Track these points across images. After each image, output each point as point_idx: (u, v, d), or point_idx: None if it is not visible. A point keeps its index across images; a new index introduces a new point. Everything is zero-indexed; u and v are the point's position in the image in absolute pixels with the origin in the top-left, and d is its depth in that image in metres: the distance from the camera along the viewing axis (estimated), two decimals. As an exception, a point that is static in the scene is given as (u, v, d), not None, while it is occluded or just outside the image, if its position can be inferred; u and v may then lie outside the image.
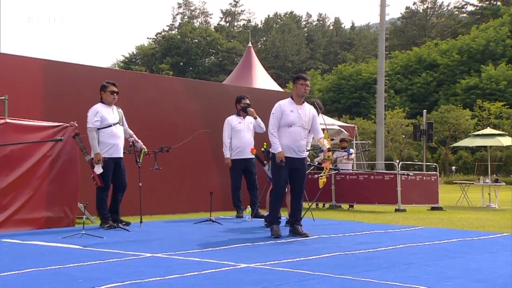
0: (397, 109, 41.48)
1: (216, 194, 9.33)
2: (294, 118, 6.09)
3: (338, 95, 54.98)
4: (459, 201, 14.66)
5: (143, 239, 5.79)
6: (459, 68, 49.62)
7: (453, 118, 36.16)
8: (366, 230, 6.77)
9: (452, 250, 5.24)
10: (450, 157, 37.41)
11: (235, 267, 4.24)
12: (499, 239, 6.28)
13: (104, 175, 6.74)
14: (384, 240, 5.96)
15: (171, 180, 9.51)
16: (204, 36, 73.90)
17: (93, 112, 6.83)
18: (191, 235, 6.20)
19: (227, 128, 8.34)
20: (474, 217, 10.20)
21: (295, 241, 5.82)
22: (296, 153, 6.11)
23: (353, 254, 4.97)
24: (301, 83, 6.17)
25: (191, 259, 4.57)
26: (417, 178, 12.49)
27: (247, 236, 6.19)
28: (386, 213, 10.90)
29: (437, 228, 7.72)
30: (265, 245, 5.52)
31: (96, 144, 6.72)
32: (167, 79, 12.90)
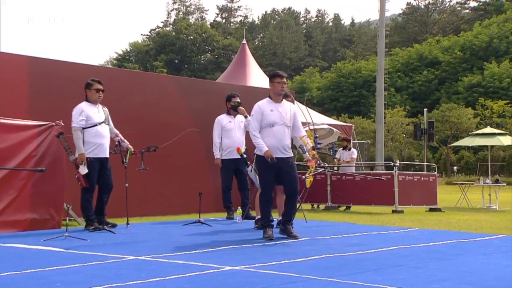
0: (398, 108, 41.52)
1: (209, 195, 9.38)
2: (275, 117, 6.12)
3: (337, 93, 55.01)
4: (458, 202, 14.69)
5: (128, 242, 5.80)
6: (462, 65, 49.67)
7: (455, 117, 36.22)
8: (358, 232, 6.79)
9: (444, 252, 5.26)
10: (451, 157, 37.46)
11: (220, 269, 4.25)
12: (494, 241, 6.31)
13: (89, 175, 6.73)
14: (375, 242, 5.98)
15: (163, 181, 9.50)
16: (200, 33, 73.86)
17: (77, 111, 6.82)
18: (178, 237, 6.22)
19: (217, 128, 8.36)
20: (473, 218, 10.22)
21: (283, 243, 5.84)
22: (282, 152, 6.13)
23: (342, 256, 4.99)
24: (278, 81, 6.19)
25: (175, 261, 4.58)
26: (415, 178, 12.51)
27: (235, 238, 6.20)
28: (383, 214, 10.93)
29: (432, 229, 7.75)
30: (253, 247, 5.54)
31: (80, 144, 6.72)
32: (157, 76, 12.88)
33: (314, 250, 5.29)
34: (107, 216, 7.07)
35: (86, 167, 6.68)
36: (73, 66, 8.97)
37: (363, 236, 6.54)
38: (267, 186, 6.17)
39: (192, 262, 4.54)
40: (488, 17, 55.79)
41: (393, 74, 51.90)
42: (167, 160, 9.52)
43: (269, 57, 73.83)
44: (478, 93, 43.55)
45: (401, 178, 11.90)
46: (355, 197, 12.07)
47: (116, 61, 73.96)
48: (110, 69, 10.25)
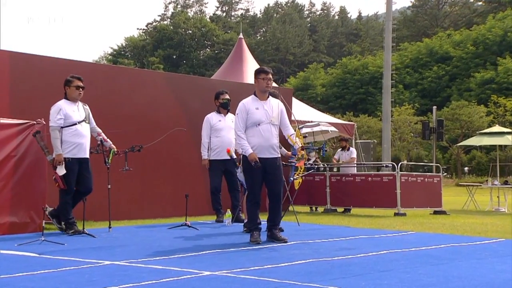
0: (406, 106, 41.47)
1: (201, 197, 9.41)
2: (261, 115, 6.12)
3: (342, 91, 54.96)
4: (465, 204, 14.70)
5: (107, 246, 5.84)
6: (474, 61, 49.54)
7: (466, 115, 36.14)
8: (351, 236, 6.82)
9: (437, 257, 5.29)
10: (462, 157, 37.40)
11: (198, 275, 4.28)
12: (492, 245, 6.33)
13: (67, 176, 6.73)
14: (367, 246, 6.00)
15: (152, 182, 9.53)
16: (199, 27, 73.94)
17: (55, 109, 6.81)
18: (161, 241, 6.25)
19: (206, 127, 8.39)
20: (479, 221, 10.24)
21: (270, 247, 5.87)
22: (269, 152, 6.12)
23: (329, 260, 5.02)
24: (263, 77, 6.19)
25: (153, 266, 4.61)
26: (419, 179, 12.51)
27: (220, 242, 6.24)
28: (385, 217, 10.94)
29: (429, 233, 7.77)
30: (237, 252, 5.57)
31: (58, 145, 6.72)
32: (146, 73, 12.93)
33: (301, 254, 5.32)
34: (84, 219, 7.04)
35: (64, 167, 6.67)
36: (58, 61, 9.01)
37: (355, 240, 6.56)
38: (254, 188, 6.17)
39: (171, 267, 4.57)
40: (502, 10, 55.59)
41: (401, 70, 51.82)
42: (157, 160, 9.56)
43: (272, 52, 73.88)
44: (491, 90, 43.41)
45: (403, 179, 11.89)
46: (355, 199, 12.08)
47: (111, 57, 74.06)
48: (96, 64, 10.31)
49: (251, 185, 6.19)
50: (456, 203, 15.50)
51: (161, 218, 9.13)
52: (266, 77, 6.20)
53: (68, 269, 4.45)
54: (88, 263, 4.72)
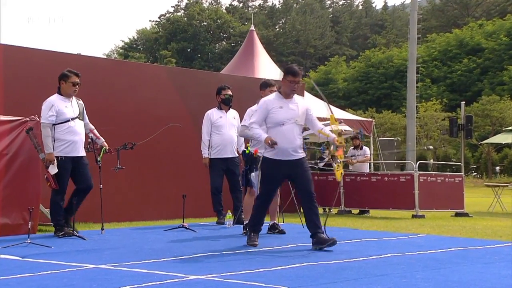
0: (433, 101, 41.12)
1: (204, 197, 9.41)
2: (285, 115, 5.99)
3: (365, 85, 54.66)
4: (491, 206, 14.55)
5: (96, 249, 5.91)
6: (508, 52, 48.91)
7: (497, 110, 35.71)
8: (356, 238, 6.81)
9: (441, 260, 5.27)
10: (493, 156, 36.96)
11: (183, 279, 4.32)
12: (505, 248, 6.29)
13: (59, 176, 6.80)
14: (371, 249, 6.00)
15: (152, 182, 9.60)
16: (214, 19, 74.16)
17: (47, 105, 6.84)
18: (153, 244, 6.31)
19: (207, 124, 8.44)
20: (502, 224, 10.14)
21: (268, 250, 5.90)
22: (293, 154, 6.02)
23: (325, 264, 5.03)
24: (290, 79, 6.01)
25: (138, 270, 4.67)
26: (439, 179, 12.41)
27: (216, 245, 6.29)
28: (402, 219, 10.90)
29: (441, 236, 7.74)
30: (231, 255, 5.61)
31: (49, 142, 6.77)
32: (147, 67, 13.01)
33: (297, 258, 5.35)
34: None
35: (56, 166, 6.74)
36: (53, 55, 9.11)
37: (360, 243, 6.56)
38: (270, 191, 6.13)
39: (156, 271, 4.62)
40: (538, -2, 54.85)
41: (429, 63, 51.37)
42: (158, 158, 9.63)
43: (291, 45, 73.77)
44: (526, 83, 42.91)
45: (422, 179, 11.80)
46: (370, 200, 12.03)
47: (122, 50, 74.68)
48: (94, 58, 10.35)
49: (268, 188, 6.10)
50: (482, 205, 15.35)
51: (164, 220, 9.19)
52: (294, 80, 6.01)
53: (48, 273, 4.51)
54: (70, 267, 4.79)
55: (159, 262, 5.08)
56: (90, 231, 7.37)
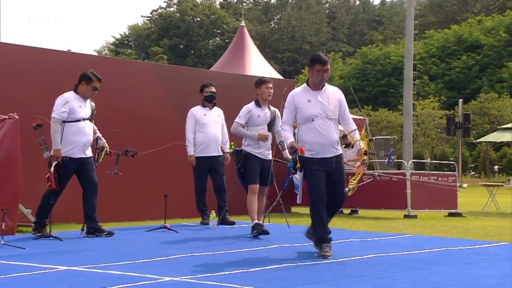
0: (431, 98, 41.21)
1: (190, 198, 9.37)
2: (314, 109, 5.60)
3: (362, 82, 54.73)
4: (486, 206, 14.59)
5: (72, 250, 5.92)
6: (507, 49, 49.02)
7: (495, 108, 35.81)
8: (342, 239, 6.81)
9: (423, 261, 5.30)
10: (491, 155, 37.06)
11: (157, 281, 4.33)
12: (491, 248, 6.34)
13: (60, 177, 6.72)
14: (354, 249, 6.02)
15: (138, 182, 9.58)
16: (208, 14, 74.12)
17: (62, 101, 6.82)
18: (132, 245, 6.33)
19: (191, 121, 8.44)
20: (496, 224, 10.19)
21: (246, 251, 5.92)
22: (329, 150, 5.60)
23: (305, 265, 5.06)
24: (318, 68, 5.60)
25: (111, 272, 4.68)
26: (431, 179, 12.44)
27: (196, 246, 6.28)
28: (393, 219, 10.94)
29: (428, 236, 7.78)
30: (211, 256, 5.62)
31: (58, 138, 6.71)
32: (133, 63, 12.95)
33: (278, 259, 5.35)
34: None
35: (54, 166, 6.64)
36: (32, 51, 9.10)
37: (344, 244, 6.57)
38: (319, 190, 5.59)
39: (131, 272, 4.63)
40: (538, -7, 55.02)
41: (426, 60, 51.45)
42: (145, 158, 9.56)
43: (287, 41, 73.81)
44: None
45: (414, 178, 11.84)
46: (362, 200, 12.01)
47: (113, 46, 74.57)
48: (74, 54, 10.34)
49: (314, 187, 5.58)
50: (478, 205, 15.38)
51: (150, 220, 9.17)
52: (322, 68, 5.58)
53: (18, 275, 4.51)
54: (42, 269, 4.79)
55: (134, 264, 5.08)
56: (70, 232, 7.38)
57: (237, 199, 8.65)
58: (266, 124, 7.41)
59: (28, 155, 7.86)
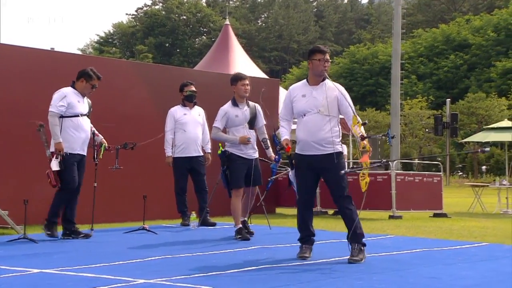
0: (419, 98, 41.42)
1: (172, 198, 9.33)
2: (306, 104, 5.56)
3: (350, 82, 54.80)
4: (471, 206, 14.68)
5: (46, 252, 5.89)
6: (495, 48, 49.40)
7: (483, 108, 36.04)
8: (322, 240, 6.81)
9: (402, 262, 5.35)
10: (479, 155, 37.29)
11: (130, 283, 4.32)
12: (472, 249, 6.41)
13: (66, 172, 6.67)
14: (334, 250, 6.02)
15: (119, 182, 9.50)
16: (194, 12, 74.02)
17: (60, 95, 6.79)
18: (108, 247, 6.31)
19: (170, 121, 8.43)
20: (480, 225, 10.26)
21: (225, 253, 5.92)
22: (316, 148, 5.53)
23: (282, 266, 5.07)
24: (318, 58, 5.57)
25: (85, 274, 4.65)
26: (416, 179, 12.50)
27: (174, 247, 6.28)
28: (378, 220, 10.98)
29: (410, 237, 7.81)
30: (187, 257, 5.61)
31: (57, 132, 6.66)
32: (113, 62, 12.89)
33: (257, 261, 5.36)
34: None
35: (58, 163, 6.60)
36: (13, 49, 9.00)
37: (324, 245, 6.58)
38: (301, 188, 5.65)
39: (104, 275, 4.61)
40: (527, -8, 55.41)
41: (414, 59, 51.70)
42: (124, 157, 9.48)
43: (274, 40, 73.89)
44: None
45: (399, 178, 11.88)
46: (347, 200, 12.08)
47: (97, 45, 74.22)
48: (58, 53, 10.28)
49: (300, 187, 5.66)
50: (464, 205, 15.46)
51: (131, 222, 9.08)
52: (323, 57, 5.58)
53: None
54: (14, 272, 4.75)
55: (109, 266, 5.06)
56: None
57: (219, 200, 8.64)
58: (246, 123, 7.17)
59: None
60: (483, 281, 4.49)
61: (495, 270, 5.02)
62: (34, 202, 6.93)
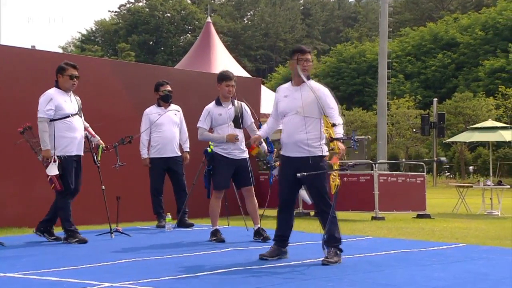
0: (406, 97, 41.63)
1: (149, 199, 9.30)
2: (286, 105, 5.63)
3: (337, 81, 54.99)
4: (455, 207, 14.78)
5: (13, 256, 5.83)
6: (483, 47, 49.73)
7: (470, 108, 36.27)
8: (298, 242, 6.84)
9: (376, 263, 5.37)
10: (467, 156, 37.60)
11: (95, 287, 4.29)
12: (448, 250, 6.44)
13: (63, 177, 6.60)
14: (309, 252, 6.05)
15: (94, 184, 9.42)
16: (178, 10, 73.85)
17: (45, 98, 6.68)
18: (78, 250, 6.27)
19: (145, 122, 8.40)
20: (463, 226, 10.34)
21: (198, 255, 5.91)
22: (295, 150, 5.57)
23: (254, 269, 5.08)
24: (298, 57, 5.62)
25: (49, 278, 4.63)
26: (399, 180, 12.55)
27: (146, 250, 6.25)
28: (360, 221, 11.01)
29: (388, 238, 7.87)
30: (158, 260, 5.59)
31: (46, 138, 6.56)
32: (89, 59, 12.80)
33: (229, 263, 5.36)
34: None
35: (55, 166, 6.51)
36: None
37: (299, 246, 6.61)
38: (281, 190, 5.72)
39: (70, 278, 4.59)
40: (515, -10, 55.87)
41: (402, 58, 51.92)
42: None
43: (260, 38, 73.92)
44: (502, 79, 43.58)
45: (382, 179, 11.92)
46: (329, 201, 12.11)
47: (79, 42, 73.84)
48: (30, 50, 10.21)
49: (279, 189, 5.75)
50: (449, 206, 15.55)
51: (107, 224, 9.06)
52: (303, 57, 5.62)
53: (-51, 282, 4.44)
54: (-23, 275, 4.72)
55: (76, 269, 5.03)
56: (20, 237, 7.27)
57: (198, 201, 8.60)
58: (231, 121, 7.04)
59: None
60: (454, 282, 4.53)
61: (469, 271, 5.06)
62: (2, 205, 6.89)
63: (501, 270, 5.14)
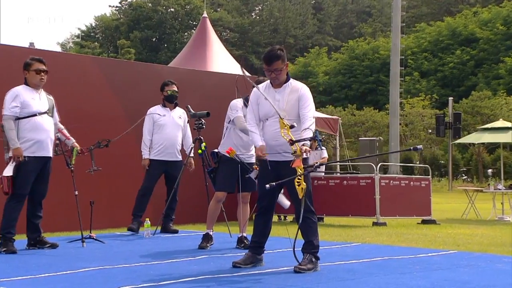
0: (422, 96, 41.46)
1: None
2: (267, 108, 5.63)
3: (349, 79, 54.97)
4: (465, 212, 14.70)
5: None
6: (504, 43, 49.51)
7: (488, 107, 36.06)
8: (283, 248, 6.81)
9: (355, 271, 5.38)
10: (485, 158, 37.37)
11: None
12: (436, 257, 6.43)
13: (22, 178, 6.56)
14: (287, 259, 5.97)
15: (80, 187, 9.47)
16: (182, 5, 74.04)
17: (11, 95, 6.66)
18: (44, 258, 6.24)
19: (148, 122, 8.45)
20: (468, 232, 10.28)
21: (168, 263, 5.88)
22: (281, 154, 5.59)
23: (230, 276, 5.14)
24: (265, 68, 5.69)
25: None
26: (403, 183, 12.48)
27: (116, 257, 6.23)
28: (361, 227, 10.99)
29: (376, 245, 7.86)
30: (125, 268, 5.58)
31: (14, 136, 6.52)
32: (74, 57, 12.82)
33: (197, 271, 5.35)
34: None
35: (12, 168, 6.47)
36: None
37: (282, 253, 6.59)
38: (261, 194, 5.75)
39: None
40: (538, -17, 55.58)
41: (418, 54, 51.76)
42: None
43: (269, 34, 73.95)
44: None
45: (384, 183, 11.87)
46: (328, 206, 12.00)
47: (79, 39, 74.19)
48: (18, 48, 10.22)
49: (259, 193, 5.80)
50: (459, 211, 15.47)
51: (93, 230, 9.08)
52: (268, 68, 5.65)
53: None
54: None
55: (34, 279, 5.02)
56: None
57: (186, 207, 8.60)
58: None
59: None
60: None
61: (449, 279, 5.04)
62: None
63: (484, 278, 5.12)
